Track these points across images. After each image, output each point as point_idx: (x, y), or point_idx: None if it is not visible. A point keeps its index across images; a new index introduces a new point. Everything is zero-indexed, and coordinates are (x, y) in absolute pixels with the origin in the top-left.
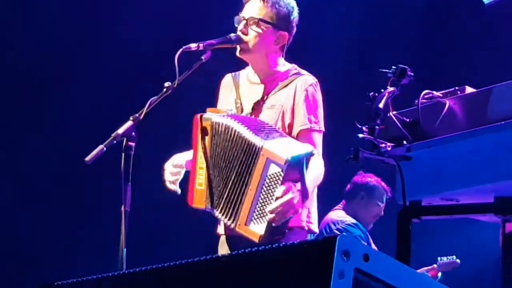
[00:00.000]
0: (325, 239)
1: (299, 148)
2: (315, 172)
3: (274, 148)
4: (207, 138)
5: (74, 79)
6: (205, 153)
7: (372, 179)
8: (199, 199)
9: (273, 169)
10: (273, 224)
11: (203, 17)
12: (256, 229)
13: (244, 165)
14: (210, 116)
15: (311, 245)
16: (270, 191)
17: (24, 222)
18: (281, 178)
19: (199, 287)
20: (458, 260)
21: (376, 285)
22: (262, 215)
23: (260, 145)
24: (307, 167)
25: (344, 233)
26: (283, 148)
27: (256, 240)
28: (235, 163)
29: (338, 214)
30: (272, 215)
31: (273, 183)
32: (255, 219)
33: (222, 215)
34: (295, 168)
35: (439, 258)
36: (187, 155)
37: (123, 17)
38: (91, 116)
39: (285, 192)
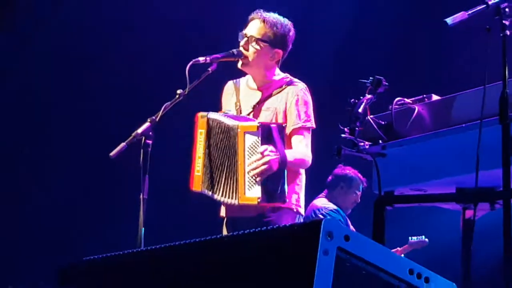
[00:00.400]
0: (312, 222)
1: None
2: (298, 153)
3: (247, 123)
4: (203, 132)
5: (102, 85)
6: (202, 144)
7: (350, 171)
8: (197, 184)
9: (250, 139)
10: (257, 179)
11: (211, 29)
12: (253, 194)
13: (231, 148)
14: (207, 113)
15: (300, 227)
16: (252, 158)
17: (59, 206)
18: (259, 144)
19: (201, 264)
20: (426, 239)
21: (356, 261)
22: (253, 181)
23: (236, 125)
24: (281, 137)
25: (328, 217)
26: (255, 122)
27: (256, 203)
28: (226, 150)
29: (321, 202)
30: (254, 172)
31: (253, 151)
32: (248, 186)
33: (224, 196)
34: (269, 134)
35: (410, 238)
36: None
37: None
38: (114, 117)
39: (262, 154)
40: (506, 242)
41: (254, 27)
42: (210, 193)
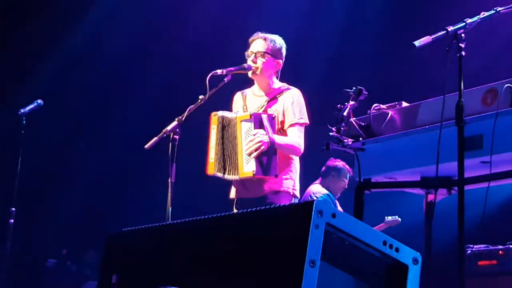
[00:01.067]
0: (306, 202)
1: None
2: (290, 139)
3: (242, 114)
4: (215, 127)
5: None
6: (214, 136)
7: (339, 163)
8: (210, 169)
9: (245, 126)
10: (252, 156)
11: (224, 48)
12: (249, 168)
13: (233, 135)
14: (218, 112)
15: (297, 206)
16: (248, 140)
17: (105, 188)
18: (252, 129)
19: (217, 235)
20: (399, 219)
21: (340, 234)
22: (248, 158)
23: (235, 117)
24: (272, 125)
25: (319, 199)
26: (247, 113)
27: (252, 175)
28: (230, 138)
29: (316, 187)
30: (249, 151)
31: (247, 135)
32: (245, 163)
33: (229, 175)
34: (260, 122)
35: (385, 217)
36: None
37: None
38: (149, 115)
39: (254, 135)
40: (460, 220)
41: (259, 45)
42: (220, 174)
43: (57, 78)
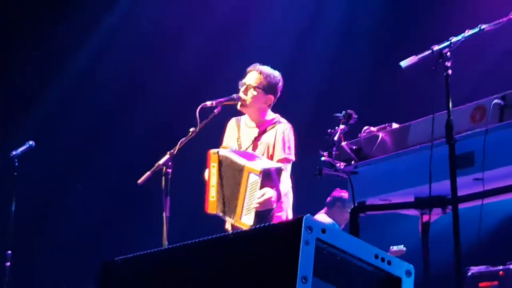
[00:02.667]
0: (295, 219)
1: (270, 164)
2: (285, 183)
3: (252, 165)
4: (216, 165)
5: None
6: (215, 175)
7: (345, 193)
8: (211, 207)
9: (253, 178)
10: (255, 211)
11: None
12: (247, 221)
13: (236, 180)
14: (217, 150)
15: (287, 224)
16: (252, 193)
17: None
18: (259, 183)
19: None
20: (404, 248)
21: (331, 249)
22: (249, 210)
23: (243, 164)
24: (279, 177)
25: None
26: (259, 165)
27: (247, 228)
28: (232, 180)
29: (321, 217)
30: (257, 207)
31: (254, 188)
32: (244, 214)
33: (227, 216)
34: (268, 176)
35: (390, 247)
36: None
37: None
38: (141, 150)
39: (263, 194)
40: (456, 239)
41: (252, 77)
42: (221, 214)
43: (48, 118)
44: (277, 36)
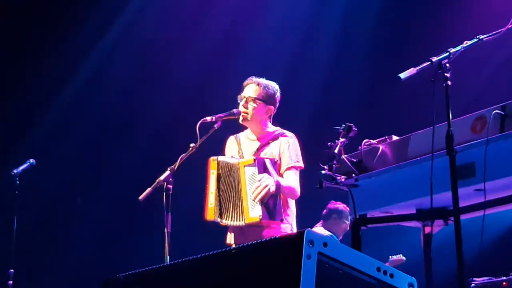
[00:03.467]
0: (297, 233)
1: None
2: (289, 183)
3: (245, 159)
4: (215, 172)
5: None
6: (214, 181)
7: (340, 205)
8: (210, 214)
9: (249, 171)
10: (260, 202)
11: (215, 93)
12: (255, 214)
13: (235, 180)
14: (217, 157)
15: (289, 238)
16: (252, 185)
17: (104, 239)
18: (256, 173)
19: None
20: (404, 258)
21: (333, 263)
22: (254, 203)
23: (237, 162)
24: (275, 168)
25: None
26: (251, 157)
27: (258, 220)
28: (231, 183)
29: (318, 230)
30: (258, 197)
31: (253, 180)
32: (251, 208)
33: (232, 221)
34: (264, 166)
35: (390, 256)
36: None
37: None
38: (142, 166)
39: (260, 180)
40: (458, 250)
41: (251, 90)
42: (220, 220)
43: (49, 135)
44: (275, 49)
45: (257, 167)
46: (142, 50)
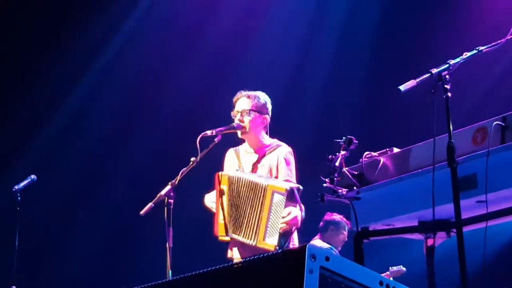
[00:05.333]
0: (299, 248)
1: (292, 184)
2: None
3: (275, 184)
4: (225, 187)
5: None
6: (226, 197)
7: (336, 216)
8: (221, 230)
9: (277, 197)
10: (280, 232)
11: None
12: (271, 242)
13: (255, 199)
14: (227, 172)
15: (290, 252)
16: (277, 213)
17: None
18: (284, 202)
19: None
20: (404, 268)
21: (336, 277)
22: (273, 231)
23: (266, 184)
24: (299, 196)
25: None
26: (281, 184)
27: (272, 249)
28: (248, 200)
29: (317, 243)
30: (283, 226)
31: (278, 207)
32: (269, 235)
33: (244, 237)
34: (291, 195)
35: (390, 267)
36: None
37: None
38: (143, 181)
39: (289, 212)
40: (461, 262)
41: (243, 103)
42: (233, 235)
43: (49, 151)
44: (276, 62)
45: (286, 197)
46: (142, 63)
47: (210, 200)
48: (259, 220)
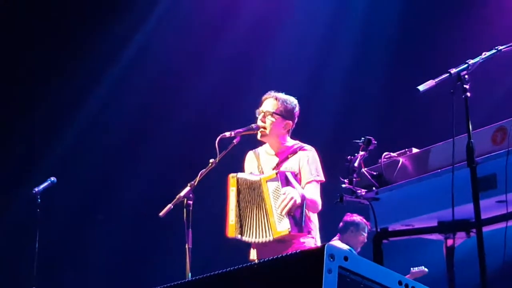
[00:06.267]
0: (317, 248)
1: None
2: (312, 196)
3: (266, 174)
4: (234, 189)
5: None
6: (234, 198)
7: (357, 217)
8: (231, 231)
9: (272, 185)
10: (289, 215)
11: (234, 108)
12: (283, 227)
13: (258, 196)
14: (236, 174)
15: (309, 252)
16: (277, 200)
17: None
18: (280, 187)
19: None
20: (426, 269)
21: (354, 277)
22: (280, 217)
23: (259, 178)
24: (297, 180)
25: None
26: (271, 172)
27: (287, 233)
28: (252, 200)
29: (336, 244)
30: (285, 209)
31: (277, 194)
32: (278, 222)
33: (256, 237)
34: (286, 179)
35: (411, 268)
36: None
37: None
38: (162, 183)
39: (284, 194)
40: (481, 263)
41: (269, 104)
42: (242, 237)
43: (69, 153)
44: (295, 63)
45: (280, 181)
46: (159, 65)
47: None
48: (267, 215)
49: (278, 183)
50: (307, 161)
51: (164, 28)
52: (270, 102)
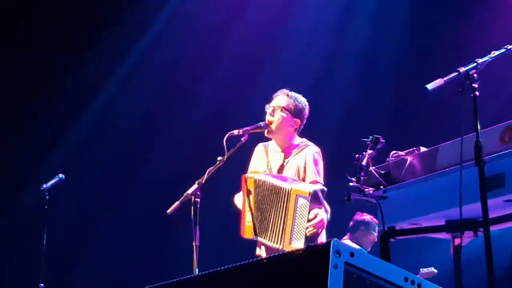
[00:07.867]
0: (323, 244)
1: (315, 186)
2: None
3: (299, 187)
4: (251, 190)
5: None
6: (250, 200)
7: (367, 216)
8: (248, 232)
9: (301, 201)
10: (306, 236)
11: (242, 106)
12: (297, 245)
13: (280, 203)
14: (253, 175)
15: (316, 248)
16: (302, 217)
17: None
18: (308, 206)
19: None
20: (435, 270)
21: (360, 273)
22: (299, 235)
23: (289, 188)
24: (324, 198)
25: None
26: (305, 187)
27: None
28: (273, 204)
29: (346, 243)
30: (312, 232)
31: (303, 211)
32: (295, 239)
33: (270, 241)
34: (315, 198)
35: (420, 269)
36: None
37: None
38: (170, 180)
39: (315, 215)
40: (488, 261)
41: (280, 99)
42: (259, 238)
43: (77, 150)
44: (303, 62)
45: (310, 201)
46: (167, 64)
47: (238, 201)
48: (285, 224)
49: (307, 203)
50: (313, 160)
51: (174, 25)
52: (282, 98)
